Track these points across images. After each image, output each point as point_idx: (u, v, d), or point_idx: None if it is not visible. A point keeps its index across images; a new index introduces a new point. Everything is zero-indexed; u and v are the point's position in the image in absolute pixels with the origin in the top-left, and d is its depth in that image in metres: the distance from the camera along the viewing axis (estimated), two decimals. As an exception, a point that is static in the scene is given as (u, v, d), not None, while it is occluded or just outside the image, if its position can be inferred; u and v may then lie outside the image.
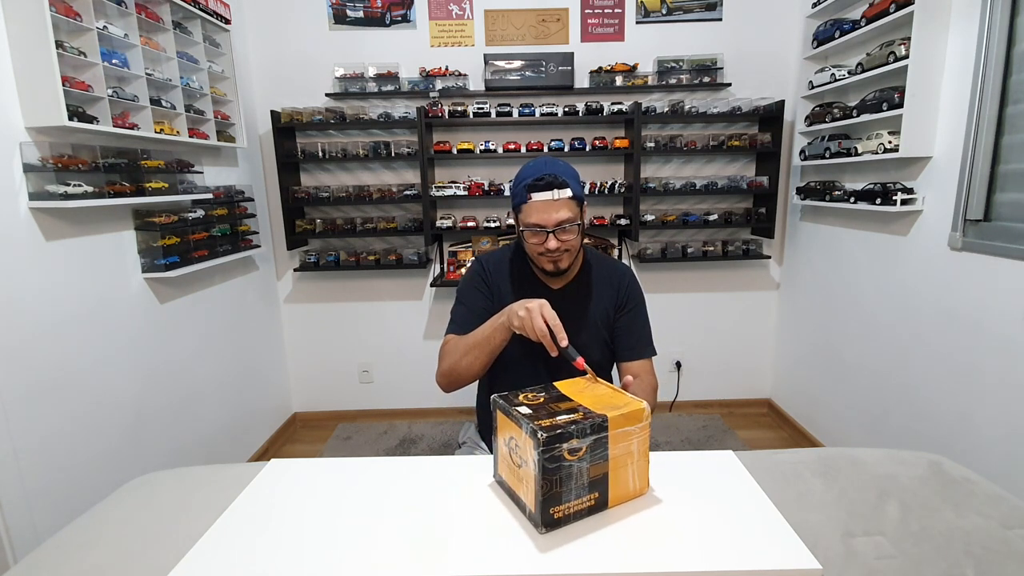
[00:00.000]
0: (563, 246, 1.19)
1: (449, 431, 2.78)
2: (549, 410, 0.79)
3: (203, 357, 2.18)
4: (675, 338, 2.90)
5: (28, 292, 1.44)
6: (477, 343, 1.17)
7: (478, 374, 1.21)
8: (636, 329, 1.33)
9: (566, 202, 1.17)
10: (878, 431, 2.12)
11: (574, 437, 0.72)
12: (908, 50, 1.78)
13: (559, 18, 2.60)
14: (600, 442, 0.75)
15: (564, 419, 0.75)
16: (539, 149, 2.53)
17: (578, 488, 0.75)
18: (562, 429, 0.72)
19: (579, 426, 0.73)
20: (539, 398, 0.84)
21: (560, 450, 0.72)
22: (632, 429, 0.77)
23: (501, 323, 1.12)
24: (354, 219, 2.65)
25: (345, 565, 0.70)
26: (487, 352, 1.16)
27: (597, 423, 0.74)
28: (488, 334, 1.15)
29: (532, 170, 1.20)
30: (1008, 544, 0.80)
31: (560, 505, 0.74)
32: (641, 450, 0.79)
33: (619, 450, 0.77)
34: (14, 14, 1.39)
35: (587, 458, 0.74)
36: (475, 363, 1.18)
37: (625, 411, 0.77)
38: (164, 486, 0.99)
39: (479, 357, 1.17)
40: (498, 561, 0.69)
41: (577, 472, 0.74)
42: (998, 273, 1.59)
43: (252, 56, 2.58)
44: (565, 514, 0.75)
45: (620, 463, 0.78)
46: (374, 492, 0.86)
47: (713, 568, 0.68)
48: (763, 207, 2.68)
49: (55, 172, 1.47)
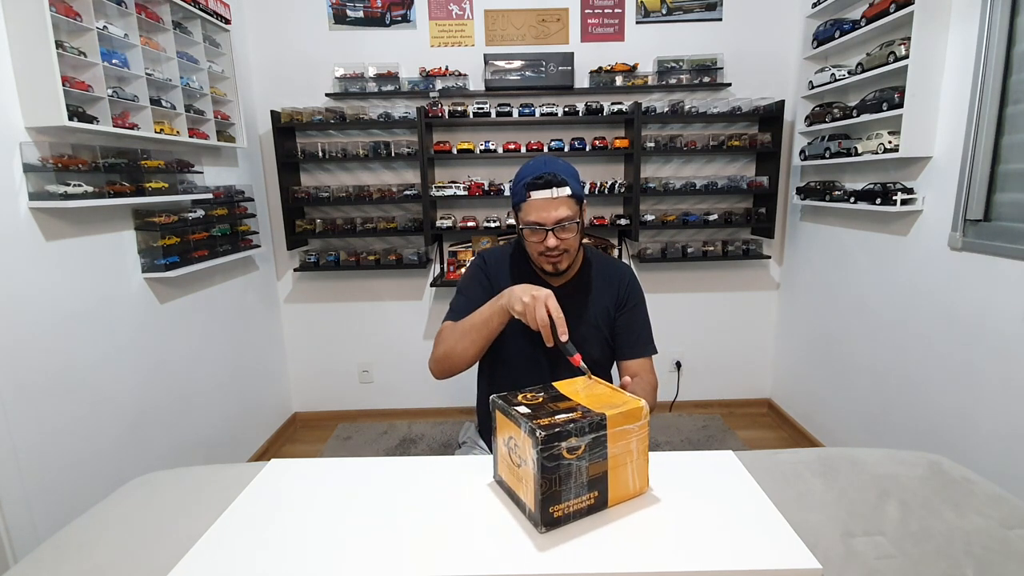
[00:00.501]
0: (562, 245, 1.19)
1: (449, 431, 2.78)
2: (548, 409, 0.79)
3: (203, 357, 2.18)
4: (675, 338, 2.90)
5: (28, 292, 1.44)
6: (474, 326, 1.15)
7: (473, 359, 1.20)
8: (636, 327, 1.33)
9: (565, 200, 1.17)
10: (878, 431, 2.12)
11: (573, 436, 0.73)
12: (908, 50, 1.78)
13: (559, 18, 2.60)
14: (599, 441, 0.75)
15: (563, 418, 0.75)
16: (539, 149, 2.53)
17: (577, 487, 0.75)
18: (560, 428, 0.72)
19: (578, 425, 0.73)
20: (538, 398, 0.84)
21: (559, 448, 0.72)
22: (631, 427, 0.77)
23: (500, 306, 1.10)
24: (354, 219, 2.65)
25: (345, 565, 0.70)
26: (484, 335, 1.15)
27: (596, 421, 0.74)
28: (486, 316, 1.13)
29: (532, 169, 1.21)
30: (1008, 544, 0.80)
31: (559, 504, 0.74)
32: (640, 449, 0.79)
33: (618, 449, 0.77)
34: (14, 14, 1.39)
35: (586, 457, 0.74)
36: (471, 347, 1.17)
37: (624, 410, 0.77)
38: (164, 486, 0.99)
39: (476, 341, 1.16)
40: (498, 561, 0.69)
41: (576, 471, 0.74)
42: (998, 273, 1.59)
43: (252, 56, 2.58)
44: (565, 513, 0.75)
45: (619, 462, 0.78)
46: (374, 492, 0.86)
47: (713, 568, 0.68)
48: (763, 207, 2.68)
49: (55, 172, 1.46)
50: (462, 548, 0.72)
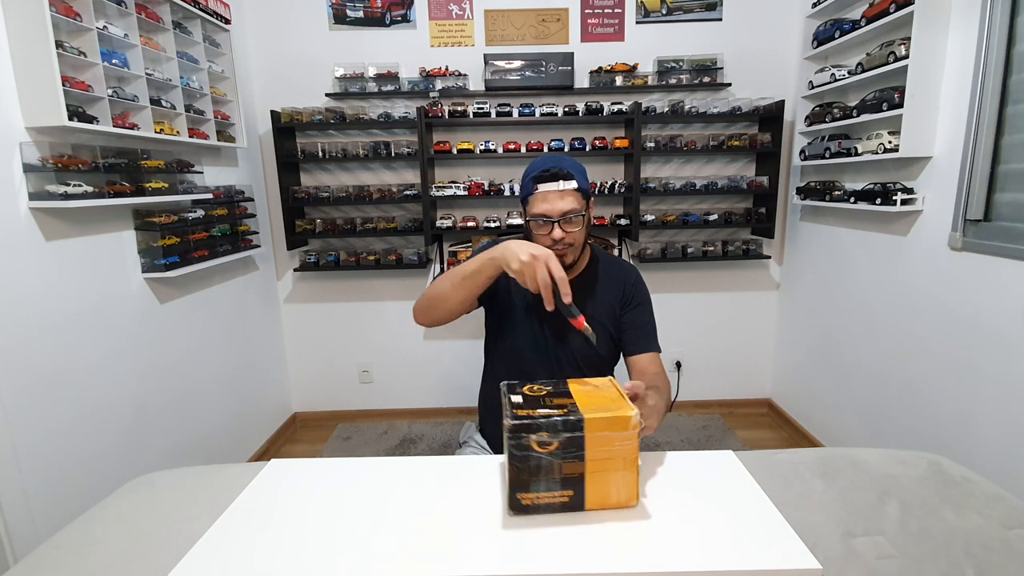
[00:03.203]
0: (567, 238, 1.20)
1: (449, 431, 2.78)
2: (541, 403, 0.79)
3: (203, 357, 2.18)
4: (675, 338, 2.90)
5: (28, 292, 1.44)
6: (463, 274, 1.13)
7: (455, 308, 1.19)
8: (642, 324, 1.34)
9: (572, 193, 1.18)
10: (878, 431, 2.12)
11: (544, 431, 0.74)
12: (908, 50, 1.78)
13: (559, 18, 2.60)
14: (574, 441, 0.74)
15: (543, 412, 0.75)
16: (539, 149, 2.53)
17: (549, 481, 0.76)
18: (531, 421, 0.74)
19: (551, 421, 0.74)
20: (542, 391, 0.84)
21: (527, 440, 0.74)
22: (613, 435, 0.75)
23: (492, 259, 1.07)
24: (354, 219, 2.64)
25: (345, 565, 0.70)
26: (470, 285, 1.14)
27: (572, 422, 0.74)
28: (476, 267, 1.11)
29: (540, 164, 1.23)
30: (1008, 544, 0.80)
31: (528, 493, 0.76)
32: (627, 460, 0.77)
33: (598, 454, 0.75)
34: (14, 14, 1.39)
35: (559, 454, 0.75)
36: (453, 295, 1.16)
37: (607, 416, 0.75)
38: (164, 486, 0.99)
39: (459, 289, 1.15)
40: (498, 561, 0.69)
41: (547, 465, 0.75)
42: (998, 273, 1.59)
43: (252, 56, 2.58)
44: (534, 503, 0.77)
45: (599, 467, 0.76)
46: (374, 492, 0.86)
47: (713, 568, 0.68)
48: (763, 207, 2.68)
49: (55, 172, 1.46)
50: (462, 548, 0.72)
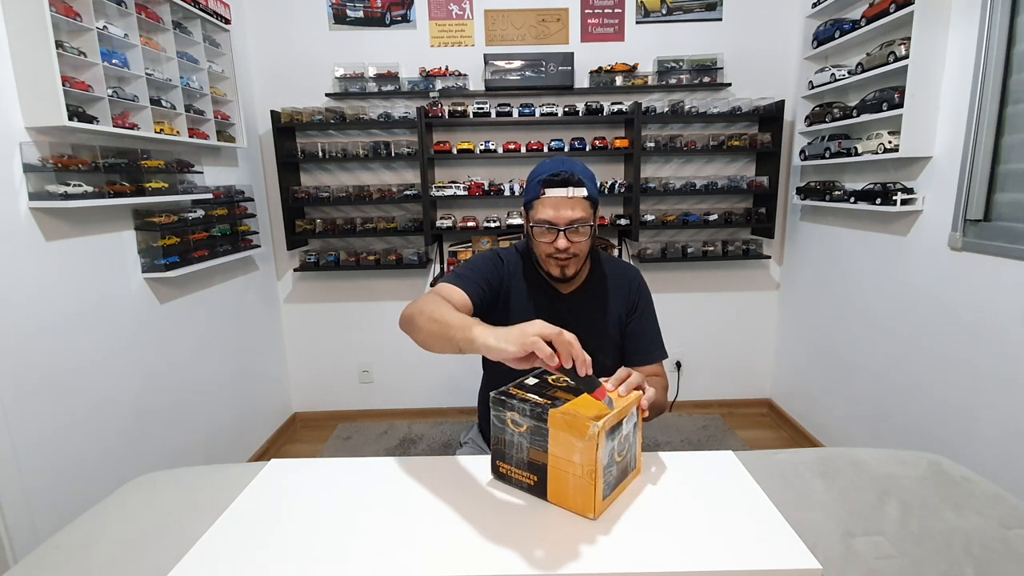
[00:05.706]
0: (572, 248, 1.15)
1: (449, 431, 2.78)
2: (543, 390, 0.85)
3: (203, 357, 2.18)
4: (675, 338, 2.90)
5: (28, 292, 1.44)
6: (442, 323, 0.90)
7: (420, 343, 0.99)
8: (647, 332, 1.30)
9: (580, 201, 1.13)
10: (878, 431, 2.12)
11: (516, 411, 0.81)
12: (908, 50, 1.78)
13: (559, 18, 2.60)
14: (539, 431, 0.79)
15: (525, 395, 0.83)
16: (539, 149, 2.53)
17: (518, 459, 0.83)
18: (509, 399, 0.82)
19: (522, 405, 0.80)
20: (560, 381, 0.89)
21: (504, 414, 0.82)
22: (571, 438, 0.75)
23: (468, 339, 0.82)
24: (354, 219, 2.64)
25: (345, 565, 0.70)
26: (441, 340, 0.90)
27: (538, 411, 0.78)
28: (455, 330, 0.86)
29: (548, 166, 1.17)
30: (1008, 544, 0.80)
31: (504, 462, 0.85)
32: (585, 469, 0.75)
33: (559, 450, 0.77)
34: (14, 14, 1.39)
35: (527, 437, 0.81)
36: (436, 347, 0.93)
37: (569, 418, 0.76)
38: (164, 486, 0.99)
39: (431, 336, 0.93)
40: (498, 561, 0.69)
41: (518, 443, 0.82)
42: (998, 273, 1.59)
43: (252, 56, 2.58)
44: (508, 474, 0.85)
45: (559, 465, 0.78)
46: (374, 492, 0.87)
47: (713, 568, 0.68)
48: (763, 207, 2.68)
49: (55, 172, 1.46)
50: (462, 548, 0.72)
